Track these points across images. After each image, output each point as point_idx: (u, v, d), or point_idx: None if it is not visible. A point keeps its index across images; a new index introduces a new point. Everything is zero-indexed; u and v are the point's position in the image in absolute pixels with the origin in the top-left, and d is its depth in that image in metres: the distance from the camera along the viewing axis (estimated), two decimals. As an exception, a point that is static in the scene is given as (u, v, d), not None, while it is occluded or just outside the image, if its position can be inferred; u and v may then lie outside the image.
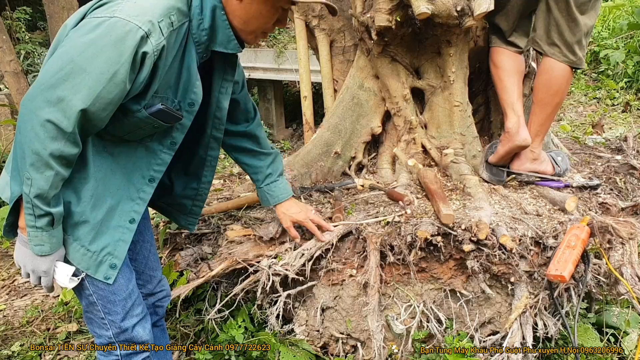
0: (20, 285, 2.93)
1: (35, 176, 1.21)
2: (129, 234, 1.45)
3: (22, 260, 1.35)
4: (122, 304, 1.48)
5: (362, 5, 2.29)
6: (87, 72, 1.18)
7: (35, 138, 1.18)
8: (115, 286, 1.45)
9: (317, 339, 2.18)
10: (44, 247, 1.30)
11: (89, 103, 1.19)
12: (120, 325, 1.48)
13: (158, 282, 1.79)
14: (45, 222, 1.27)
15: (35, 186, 1.21)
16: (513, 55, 2.27)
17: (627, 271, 1.91)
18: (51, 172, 1.21)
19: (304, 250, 1.99)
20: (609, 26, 6.78)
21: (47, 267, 1.33)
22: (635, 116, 5.28)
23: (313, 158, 2.52)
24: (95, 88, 1.18)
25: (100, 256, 1.40)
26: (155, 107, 1.33)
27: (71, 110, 1.18)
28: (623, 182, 2.39)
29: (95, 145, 1.36)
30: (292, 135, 6.30)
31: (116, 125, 1.33)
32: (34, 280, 1.36)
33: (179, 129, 1.46)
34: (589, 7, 2.10)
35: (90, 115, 1.21)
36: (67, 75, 1.17)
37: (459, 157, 2.37)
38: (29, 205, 1.24)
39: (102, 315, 1.47)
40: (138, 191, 1.46)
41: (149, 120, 1.35)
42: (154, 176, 1.48)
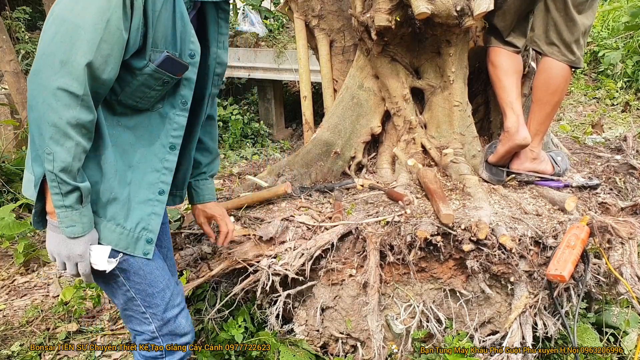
0: (20, 285, 2.93)
1: (56, 149, 1.18)
2: (161, 206, 1.43)
3: (55, 247, 1.30)
4: (161, 295, 1.46)
5: (361, 5, 2.29)
6: (81, 27, 1.16)
7: (49, 110, 1.16)
8: (151, 278, 1.44)
9: (317, 338, 2.18)
10: (76, 227, 1.26)
11: (92, 56, 1.17)
12: (163, 317, 1.47)
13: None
14: (74, 198, 1.24)
15: (58, 160, 1.19)
16: (511, 55, 2.27)
17: (627, 271, 1.91)
18: (72, 143, 1.19)
19: (303, 250, 1.99)
20: (609, 26, 6.78)
21: (82, 250, 1.29)
22: (635, 116, 5.28)
23: (313, 158, 2.52)
24: (93, 40, 1.16)
25: (136, 232, 1.38)
26: (161, 56, 1.29)
27: (77, 70, 1.16)
28: (623, 182, 2.39)
29: (109, 120, 1.34)
30: (292, 135, 6.30)
31: (127, 90, 1.31)
32: (70, 269, 1.32)
33: (186, 85, 1.41)
34: (586, 6, 2.11)
35: (96, 71, 1.19)
36: (63, 37, 1.16)
37: (458, 156, 2.37)
38: (55, 183, 1.21)
39: (142, 309, 1.45)
40: (161, 161, 1.42)
41: (158, 74, 1.31)
42: (174, 143, 1.43)
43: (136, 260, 1.41)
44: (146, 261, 1.43)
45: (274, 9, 6.75)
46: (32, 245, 3.18)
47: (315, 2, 2.62)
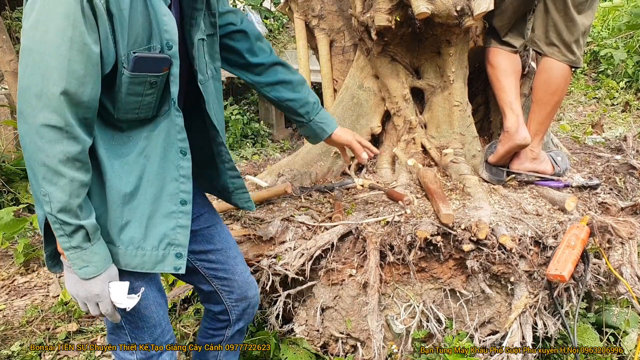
0: (20, 285, 2.93)
1: (50, 189, 1.13)
2: (186, 218, 1.35)
3: (73, 289, 1.24)
4: (150, 332, 1.42)
5: (361, 5, 2.29)
6: (45, 54, 1.08)
7: (36, 149, 1.11)
8: (145, 313, 1.39)
9: (317, 338, 2.18)
10: (89, 268, 1.20)
11: (65, 83, 1.09)
12: (147, 353, 1.43)
13: (247, 286, 1.67)
14: (79, 238, 1.18)
15: (54, 200, 1.13)
16: (509, 55, 2.27)
17: (627, 271, 1.91)
18: (65, 180, 1.13)
19: (303, 250, 2.00)
20: (609, 26, 6.78)
21: (100, 290, 1.22)
22: (635, 116, 5.28)
23: (313, 158, 2.52)
24: (61, 65, 1.08)
25: (160, 250, 1.32)
26: (130, 59, 1.17)
27: (53, 101, 1.09)
28: (623, 182, 2.39)
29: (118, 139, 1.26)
30: (292, 135, 6.30)
31: (119, 106, 1.22)
32: (93, 309, 1.25)
33: (172, 81, 1.28)
34: (586, 6, 2.11)
35: (74, 96, 1.10)
36: (32, 69, 1.09)
37: (458, 156, 2.37)
38: (57, 225, 1.16)
39: (128, 339, 1.41)
40: (177, 168, 1.33)
41: (138, 79, 1.20)
42: (183, 147, 1.33)
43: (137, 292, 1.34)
44: (144, 295, 1.36)
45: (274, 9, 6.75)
46: (32, 245, 3.18)
47: (315, 2, 2.62)
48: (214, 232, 1.62)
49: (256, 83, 1.68)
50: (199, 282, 1.65)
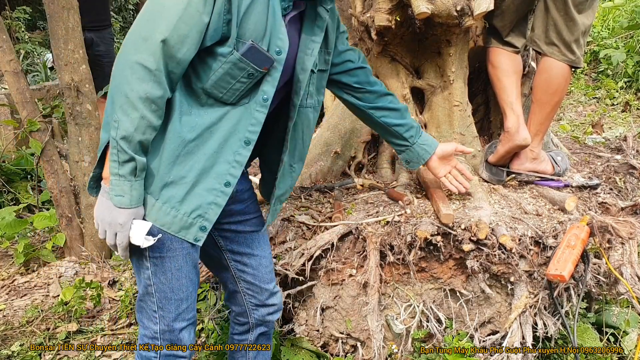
0: (20, 285, 2.93)
1: (122, 118, 1.25)
2: (223, 198, 1.43)
3: (100, 213, 1.34)
4: (177, 304, 1.47)
5: (361, 5, 2.29)
6: (164, 7, 1.24)
7: (124, 81, 1.24)
8: (175, 285, 1.45)
9: (317, 338, 2.18)
10: (124, 198, 1.30)
11: (168, 34, 1.23)
12: (170, 324, 1.48)
13: (270, 294, 1.74)
14: (128, 169, 1.28)
15: (121, 128, 1.25)
16: (510, 55, 2.27)
17: (627, 271, 1.91)
18: (137, 114, 1.24)
19: (303, 250, 2.00)
20: (609, 26, 6.78)
21: (124, 220, 1.32)
22: (635, 116, 5.28)
23: (313, 158, 2.52)
24: (171, 18, 1.23)
25: (190, 218, 1.40)
26: (246, 45, 1.32)
27: (154, 45, 1.22)
28: (623, 182, 2.39)
29: (195, 109, 1.37)
30: (292, 135, 6.30)
31: (212, 79, 1.34)
32: (110, 236, 1.35)
33: (269, 81, 1.40)
34: (586, 6, 2.11)
35: (171, 49, 1.24)
36: (149, 15, 1.25)
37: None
38: (115, 150, 1.26)
39: (155, 307, 1.47)
40: (234, 154, 1.41)
41: (242, 64, 1.33)
42: (249, 138, 1.42)
43: (172, 262, 1.42)
44: (178, 267, 1.44)
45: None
46: (32, 245, 3.18)
47: (315, 2, 2.62)
48: (255, 238, 1.70)
49: (367, 108, 1.84)
50: (227, 279, 1.73)
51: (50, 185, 3.03)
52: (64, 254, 3.14)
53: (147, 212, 1.37)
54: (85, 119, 2.90)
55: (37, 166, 3.32)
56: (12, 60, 2.83)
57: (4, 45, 2.79)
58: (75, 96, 2.85)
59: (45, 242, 3.22)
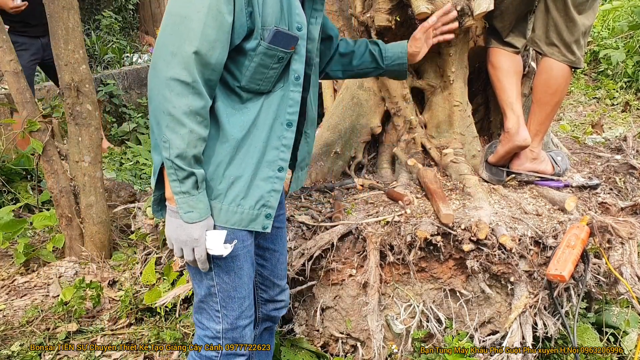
0: (20, 285, 2.93)
1: (171, 137, 1.25)
2: (280, 183, 1.46)
3: (173, 232, 1.36)
4: (240, 302, 1.49)
5: (361, 5, 2.29)
6: (187, 17, 1.23)
7: (164, 100, 1.24)
8: (238, 283, 1.47)
9: (317, 338, 2.18)
10: (193, 213, 1.32)
11: (197, 43, 1.23)
12: (234, 322, 1.50)
13: (281, 291, 1.78)
14: (190, 184, 1.30)
15: (173, 147, 1.25)
16: (510, 56, 2.27)
17: (627, 271, 1.91)
18: (185, 130, 1.25)
19: (303, 250, 2.00)
20: (609, 26, 6.78)
21: (199, 234, 1.33)
22: (635, 116, 5.28)
23: (313, 158, 2.52)
24: (198, 28, 1.23)
25: (256, 210, 1.43)
26: (271, 32, 1.32)
27: (185, 59, 1.22)
28: (623, 182, 2.39)
29: (237, 107, 1.39)
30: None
31: (247, 75, 1.35)
32: (187, 254, 1.36)
33: (297, 60, 1.42)
34: (586, 7, 2.11)
35: (204, 57, 1.24)
36: (172, 29, 1.24)
37: (458, 156, 2.37)
38: (172, 170, 1.28)
39: (218, 307, 1.48)
40: (280, 138, 1.44)
41: (272, 51, 1.34)
42: (291, 119, 1.45)
43: (235, 261, 1.45)
44: (240, 266, 1.46)
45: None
46: (32, 245, 3.18)
47: (315, 2, 2.62)
48: (279, 234, 1.71)
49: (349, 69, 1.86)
50: None
51: (50, 185, 3.03)
52: (63, 254, 3.14)
53: (216, 217, 1.39)
54: (85, 119, 2.90)
55: (37, 166, 3.32)
56: (12, 60, 2.83)
57: (4, 45, 2.79)
58: (75, 96, 2.85)
59: (45, 242, 3.22)
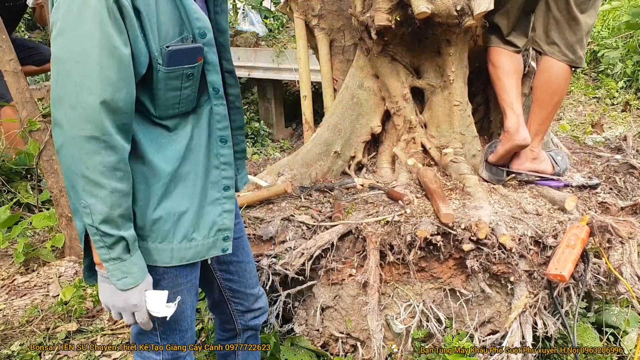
0: (20, 284, 2.93)
1: (91, 201, 1.10)
2: (230, 203, 1.37)
3: (108, 299, 1.23)
4: (182, 335, 1.44)
5: (361, 4, 2.29)
6: (79, 62, 1.05)
7: (75, 161, 1.08)
8: (181, 317, 1.40)
9: (317, 338, 2.18)
10: (127, 279, 1.18)
11: (99, 91, 1.05)
12: (175, 354, 1.44)
13: (256, 299, 1.70)
14: (120, 249, 1.16)
15: (95, 212, 1.11)
16: (511, 55, 2.27)
17: (627, 270, 1.91)
18: (105, 191, 1.10)
19: (303, 250, 2.00)
20: (609, 26, 6.78)
21: (137, 300, 1.21)
22: (635, 115, 5.28)
23: (313, 157, 2.52)
24: (94, 72, 1.05)
25: (211, 237, 1.34)
26: (164, 52, 1.14)
27: (89, 111, 1.06)
28: (623, 182, 2.39)
29: (166, 138, 1.25)
30: (292, 134, 6.29)
31: (160, 104, 1.21)
32: (128, 319, 1.25)
33: (210, 70, 1.26)
34: (589, 5, 2.10)
35: (110, 103, 1.07)
36: (63, 79, 1.06)
37: (458, 156, 2.37)
38: (97, 237, 1.14)
39: (158, 339, 1.41)
40: (218, 157, 1.33)
41: (175, 73, 1.17)
42: (223, 135, 1.33)
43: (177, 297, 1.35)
44: (183, 300, 1.37)
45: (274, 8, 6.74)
46: (32, 245, 3.18)
47: (315, 1, 2.62)
48: (239, 244, 1.62)
49: None
50: (213, 289, 1.66)
51: (50, 185, 3.03)
52: (63, 254, 3.14)
53: (169, 259, 1.29)
54: (85, 118, 2.89)
55: (37, 165, 3.32)
56: (12, 60, 2.83)
57: (4, 45, 2.79)
58: (75, 96, 2.84)
59: (45, 242, 3.22)
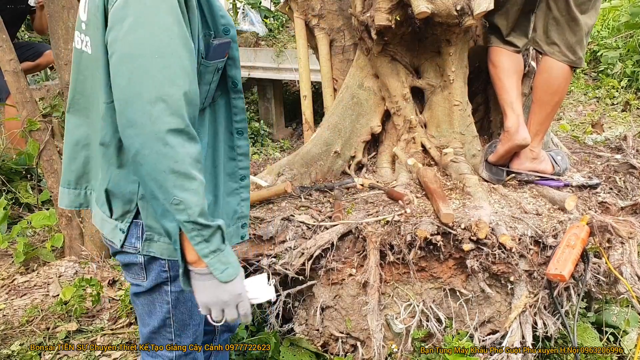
0: (20, 284, 2.93)
1: (184, 196, 1.07)
2: (246, 192, 1.42)
3: (212, 297, 1.19)
4: (194, 329, 1.44)
5: (361, 4, 2.29)
6: (155, 56, 1.05)
7: (160, 157, 1.05)
8: (194, 311, 1.39)
9: (317, 338, 2.18)
10: (229, 269, 1.16)
11: (182, 82, 1.06)
12: (188, 349, 1.45)
13: None
14: (218, 240, 1.14)
15: (191, 206, 1.08)
16: (512, 55, 2.27)
17: (627, 270, 1.91)
18: (196, 183, 1.09)
19: (303, 250, 1.99)
20: (609, 26, 6.77)
21: (241, 289, 1.20)
22: (635, 115, 5.28)
23: (313, 157, 2.52)
24: (175, 64, 1.06)
25: (232, 225, 1.40)
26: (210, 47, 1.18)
27: (172, 104, 1.05)
28: (623, 181, 2.39)
29: None
30: (292, 134, 6.29)
31: None
32: (231, 314, 1.22)
33: (231, 65, 1.29)
34: (589, 6, 2.10)
35: (189, 94, 1.08)
36: (140, 76, 1.04)
37: (458, 156, 2.37)
38: (195, 232, 1.11)
39: (171, 337, 1.41)
40: (235, 148, 1.37)
41: (212, 66, 1.22)
42: (240, 127, 1.37)
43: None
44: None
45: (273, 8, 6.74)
46: (32, 244, 3.18)
47: (315, 1, 2.61)
48: None
49: None
50: None
51: (50, 185, 3.03)
52: (63, 254, 3.14)
53: None
54: (85, 118, 2.89)
55: (37, 165, 3.32)
56: (12, 60, 2.83)
57: (4, 44, 2.79)
58: (75, 96, 2.84)
59: (45, 242, 3.22)
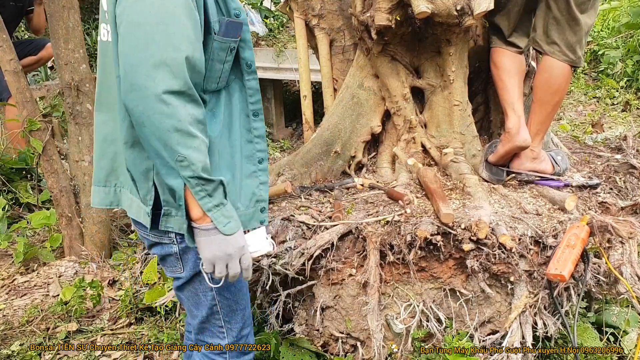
0: (20, 284, 2.93)
1: (187, 152, 1.15)
2: (265, 175, 1.43)
3: (217, 251, 1.24)
4: (242, 314, 1.47)
5: (361, 4, 2.29)
6: (161, 23, 1.13)
7: (163, 117, 1.12)
8: (239, 295, 1.44)
9: (317, 338, 2.18)
10: (232, 223, 1.24)
11: (184, 47, 1.14)
12: (238, 334, 1.48)
13: None
14: (220, 195, 1.22)
15: (195, 161, 1.16)
16: (513, 56, 2.27)
17: (627, 270, 1.91)
18: (198, 141, 1.17)
19: (303, 250, 1.99)
20: (609, 26, 6.77)
21: (243, 241, 1.27)
22: (635, 115, 5.28)
23: (313, 157, 2.52)
24: (179, 30, 1.14)
25: (251, 208, 1.40)
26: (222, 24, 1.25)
27: (174, 67, 1.12)
28: (623, 182, 2.39)
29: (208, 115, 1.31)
30: (292, 134, 6.29)
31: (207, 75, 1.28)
32: (234, 268, 1.27)
33: (244, 47, 1.35)
34: (589, 6, 2.11)
35: (191, 60, 1.15)
36: (145, 42, 1.12)
37: (458, 156, 2.37)
38: (199, 187, 1.19)
39: (221, 323, 1.45)
40: (252, 130, 1.40)
41: (225, 44, 1.27)
42: (255, 109, 1.41)
43: None
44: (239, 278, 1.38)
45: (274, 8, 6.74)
46: (32, 244, 3.18)
47: (315, 1, 2.61)
48: None
49: None
50: None
51: (50, 185, 3.03)
52: (63, 254, 3.14)
53: None
54: (85, 118, 2.90)
55: (37, 165, 3.32)
56: (12, 60, 2.83)
57: (4, 44, 2.80)
58: (76, 95, 2.85)
59: (45, 242, 3.22)
